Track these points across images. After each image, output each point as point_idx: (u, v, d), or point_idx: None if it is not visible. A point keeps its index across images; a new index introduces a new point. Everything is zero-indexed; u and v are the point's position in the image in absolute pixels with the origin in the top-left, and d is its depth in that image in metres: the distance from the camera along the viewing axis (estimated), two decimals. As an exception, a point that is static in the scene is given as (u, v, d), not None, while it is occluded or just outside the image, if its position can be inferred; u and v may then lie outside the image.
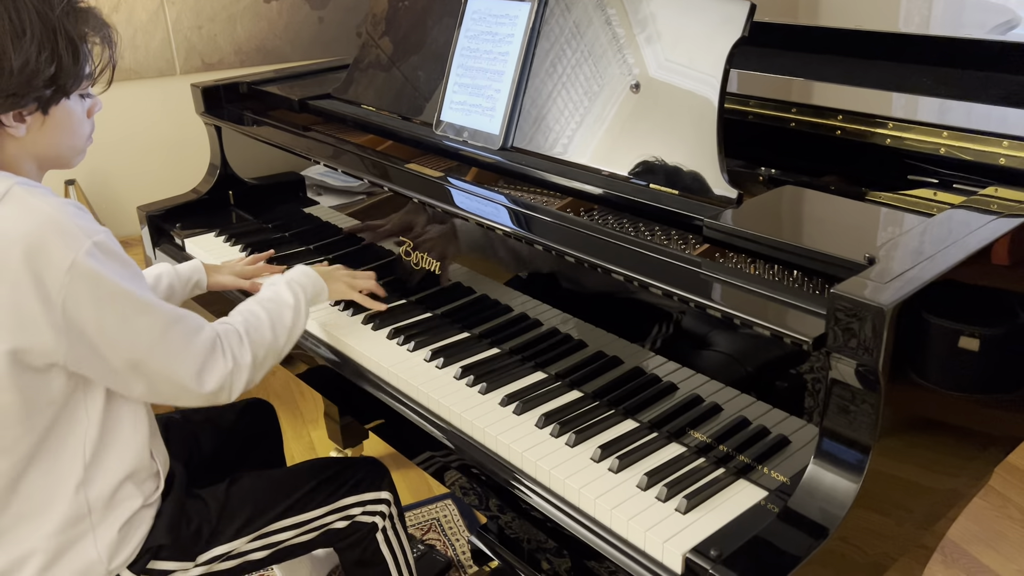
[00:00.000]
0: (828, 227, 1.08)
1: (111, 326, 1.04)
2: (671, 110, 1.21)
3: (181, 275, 1.48)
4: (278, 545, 1.28)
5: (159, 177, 2.62)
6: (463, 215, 1.32)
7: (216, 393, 1.15)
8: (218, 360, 1.15)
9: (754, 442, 1.04)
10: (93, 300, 1.01)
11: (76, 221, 1.01)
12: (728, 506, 0.98)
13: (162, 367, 1.09)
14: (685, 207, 1.15)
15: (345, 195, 1.64)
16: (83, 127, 1.13)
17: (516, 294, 1.32)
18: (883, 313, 0.81)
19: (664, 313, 1.11)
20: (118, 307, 1.04)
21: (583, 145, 1.31)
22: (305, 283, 1.33)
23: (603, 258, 1.12)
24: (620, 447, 1.09)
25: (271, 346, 1.23)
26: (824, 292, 0.97)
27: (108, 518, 1.13)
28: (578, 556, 1.03)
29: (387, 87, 1.70)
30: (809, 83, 1.35)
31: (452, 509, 2.16)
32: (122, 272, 1.05)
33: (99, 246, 1.02)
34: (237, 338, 1.19)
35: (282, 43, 2.70)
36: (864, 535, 0.93)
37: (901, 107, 1.23)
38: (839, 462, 0.89)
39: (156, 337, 1.07)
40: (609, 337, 1.20)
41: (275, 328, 1.25)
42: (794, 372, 0.97)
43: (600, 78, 1.30)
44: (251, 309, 1.25)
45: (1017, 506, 2.14)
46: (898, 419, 0.91)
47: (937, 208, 1.11)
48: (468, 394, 1.23)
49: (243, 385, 1.18)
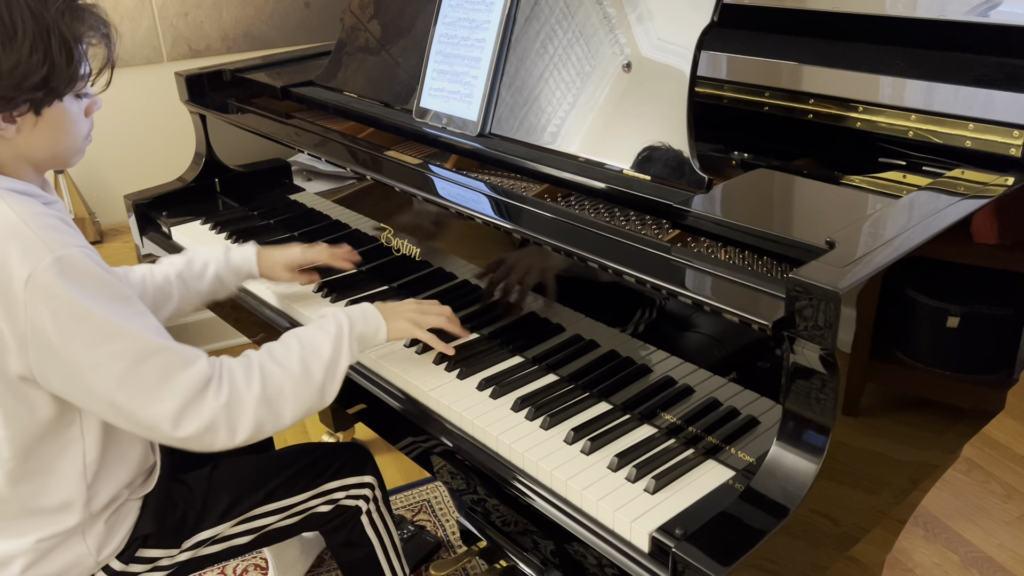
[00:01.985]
0: (795, 211, 1.10)
1: (77, 350, 0.96)
2: (643, 96, 1.22)
3: (231, 264, 1.43)
4: (262, 529, 1.30)
5: (148, 165, 2.63)
6: (441, 203, 1.33)
7: (198, 436, 1.02)
8: (206, 399, 1.02)
9: (723, 423, 1.06)
10: (54, 319, 0.95)
11: (41, 233, 0.95)
12: (695, 486, 1.00)
13: (129, 403, 0.99)
14: (656, 193, 1.16)
15: (335, 179, 1.65)
16: (79, 127, 1.07)
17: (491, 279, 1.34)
18: (838, 297, 0.83)
19: (638, 297, 1.13)
20: (82, 330, 0.96)
21: (559, 131, 1.32)
22: (356, 317, 1.19)
23: (575, 245, 1.13)
24: (592, 429, 1.11)
25: (301, 381, 1.09)
26: (784, 272, 0.99)
27: (97, 516, 1.13)
28: (556, 536, 1.05)
29: (368, 74, 1.70)
30: (784, 65, 1.35)
31: (442, 490, 2.19)
32: (91, 292, 0.96)
33: (62, 261, 0.94)
34: (244, 368, 1.07)
35: (269, 29, 2.70)
36: (835, 507, 0.96)
37: (874, 89, 1.24)
38: (800, 443, 0.91)
39: (126, 368, 0.97)
40: (586, 321, 1.21)
41: (306, 360, 1.11)
42: (761, 354, 0.99)
43: (575, 65, 1.31)
44: (283, 339, 1.15)
45: (999, 481, 2.17)
46: (864, 395, 0.93)
47: (906, 191, 1.13)
48: (446, 379, 1.25)
49: (249, 423, 1.05)
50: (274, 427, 1.08)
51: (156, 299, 1.36)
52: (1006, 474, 2.19)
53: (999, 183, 1.08)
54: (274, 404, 1.07)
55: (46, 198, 1.05)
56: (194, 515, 1.24)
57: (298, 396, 1.09)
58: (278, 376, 1.08)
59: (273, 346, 1.13)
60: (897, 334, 0.98)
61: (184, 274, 1.40)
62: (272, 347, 1.13)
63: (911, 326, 1.00)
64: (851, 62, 1.30)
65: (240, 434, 1.05)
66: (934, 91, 1.18)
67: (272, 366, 1.09)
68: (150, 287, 1.36)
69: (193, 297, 1.40)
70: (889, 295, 0.91)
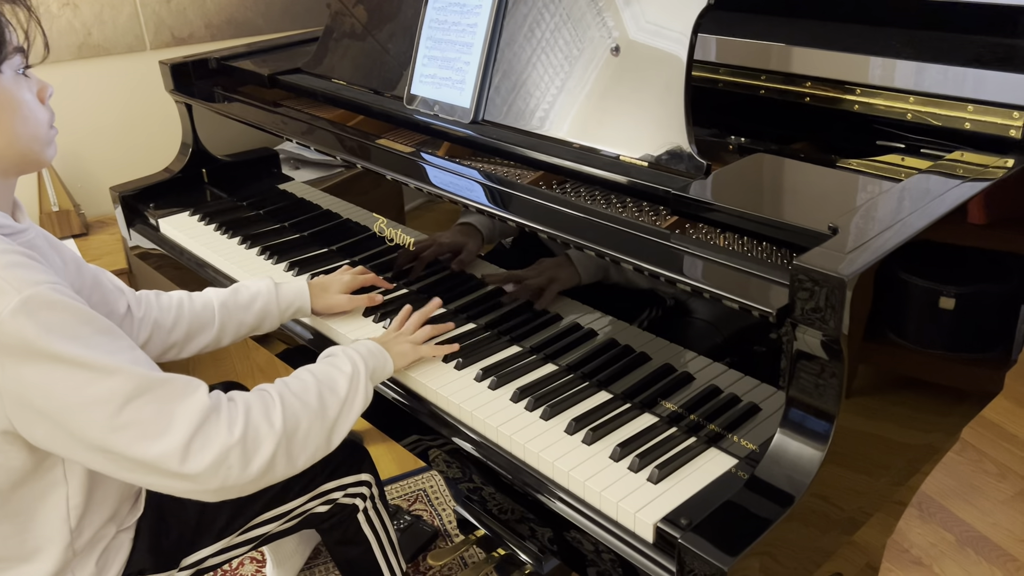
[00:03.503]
0: (795, 196, 1.09)
1: (60, 398, 0.87)
2: (639, 81, 1.20)
3: (282, 299, 1.34)
4: (261, 536, 1.28)
5: (133, 155, 2.59)
6: (434, 191, 1.32)
7: (211, 471, 0.91)
8: (216, 428, 0.92)
9: (725, 411, 1.05)
10: (29, 365, 0.85)
11: (3, 273, 0.86)
12: (699, 475, 1.00)
13: (128, 445, 0.89)
14: (654, 179, 1.15)
15: (323, 168, 1.63)
16: (35, 113, 0.99)
17: (487, 266, 1.32)
18: (843, 284, 0.82)
19: (637, 285, 1.12)
20: (63, 373, 0.86)
21: (554, 118, 1.30)
22: (365, 354, 1.14)
23: (572, 232, 1.12)
24: (593, 419, 1.10)
25: (316, 417, 1.02)
26: (790, 262, 0.98)
27: (85, 555, 1.07)
28: (556, 526, 1.04)
29: (357, 60, 1.68)
30: (780, 47, 1.34)
31: (438, 479, 2.19)
32: (69, 330, 0.87)
33: (32, 300, 0.85)
34: (261, 402, 0.98)
35: (253, 15, 2.65)
36: (840, 492, 0.95)
37: (872, 71, 1.22)
38: (804, 430, 0.90)
39: (117, 407, 0.88)
40: (583, 309, 1.20)
41: (323, 396, 1.04)
42: (763, 341, 0.98)
43: (569, 50, 1.29)
44: (296, 374, 1.08)
45: (993, 460, 2.18)
46: (868, 380, 0.92)
47: (905, 174, 1.12)
48: (444, 370, 1.24)
49: (264, 460, 0.95)
50: (286, 468, 0.99)
51: (192, 326, 1.28)
52: (999, 453, 2.20)
53: (999, 165, 1.07)
54: (291, 440, 0.99)
55: (13, 227, 0.98)
56: (190, 534, 1.19)
57: (311, 434, 1.02)
58: (298, 410, 1.01)
59: (288, 380, 1.06)
60: (897, 317, 0.97)
61: (228, 303, 1.31)
62: (288, 381, 1.05)
63: (911, 309, 0.99)
64: (847, 44, 1.28)
65: (253, 468, 0.95)
66: (932, 72, 1.17)
67: (292, 400, 1.01)
68: (187, 313, 1.29)
69: (235, 328, 1.32)
70: (888, 279, 0.90)
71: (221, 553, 1.25)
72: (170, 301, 1.29)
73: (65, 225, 2.44)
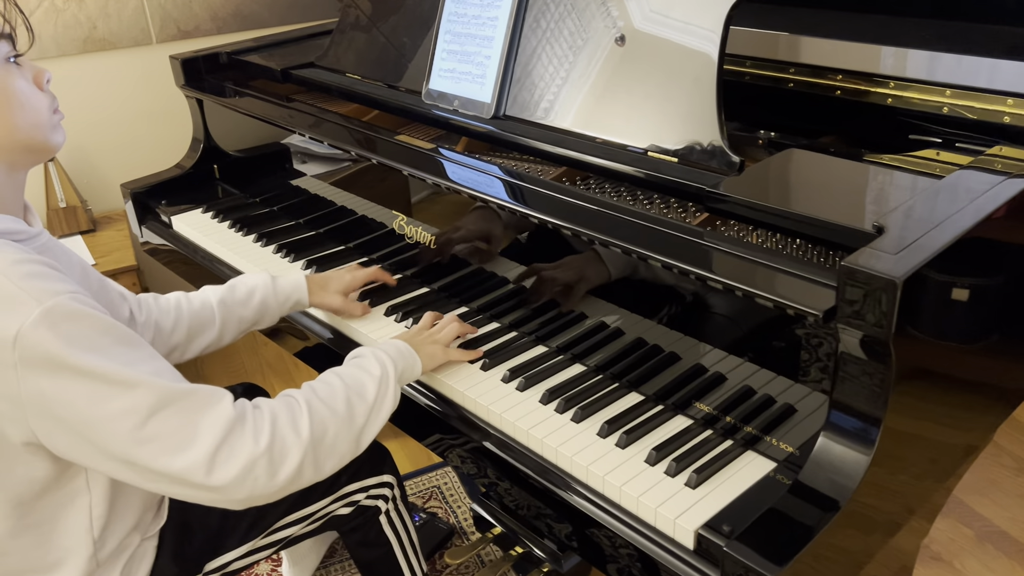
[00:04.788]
0: (832, 192, 1.06)
1: (83, 411, 0.85)
2: (669, 75, 1.18)
3: (279, 292, 1.32)
4: (284, 539, 1.27)
5: (141, 149, 2.56)
6: (455, 187, 1.29)
7: (238, 482, 0.90)
8: (242, 439, 0.91)
9: (760, 412, 1.03)
10: (51, 379, 0.84)
11: (24, 283, 0.84)
12: (737, 479, 0.98)
13: (154, 458, 0.87)
14: (685, 175, 1.12)
15: (331, 161, 1.61)
16: (33, 99, 0.96)
17: (510, 264, 1.30)
18: (895, 286, 0.79)
19: (665, 283, 1.10)
20: (86, 386, 0.85)
21: (579, 112, 1.28)
22: (394, 355, 1.11)
23: (604, 231, 1.09)
24: (626, 421, 1.08)
25: (344, 424, 1.00)
26: (830, 260, 0.96)
27: (109, 565, 1.06)
28: (585, 528, 1.03)
29: (372, 54, 1.65)
30: (808, 40, 1.31)
31: (452, 476, 2.17)
32: (91, 341, 0.86)
33: (53, 312, 0.84)
34: (288, 410, 0.96)
35: (260, 8, 2.62)
36: (884, 494, 0.93)
37: (906, 64, 1.20)
38: (849, 434, 0.88)
39: (141, 421, 0.86)
40: (609, 307, 1.18)
41: (351, 402, 1.02)
42: (799, 339, 0.96)
43: (594, 43, 1.27)
44: (324, 378, 1.05)
45: (1010, 454, 2.16)
46: (912, 378, 0.90)
47: (941, 168, 1.10)
48: (470, 371, 1.22)
49: (292, 468, 0.94)
50: (314, 474, 0.97)
51: (192, 326, 1.27)
52: (1017, 448, 2.18)
53: (1041, 160, 1.05)
54: (318, 448, 0.97)
55: (26, 232, 0.96)
56: (213, 539, 1.18)
57: (339, 441, 0.99)
58: (326, 418, 0.99)
59: (316, 386, 1.03)
60: (940, 314, 0.95)
61: (226, 299, 1.29)
62: (315, 387, 1.03)
63: (955, 305, 0.97)
64: (879, 35, 1.26)
65: (280, 478, 0.93)
66: (968, 64, 1.14)
67: (320, 407, 0.99)
68: (186, 313, 1.27)
69: (235, 324, 1.30)
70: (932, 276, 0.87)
71: (244, 557, 1.23)
72: (168, 303, 1.28)
73: (72, 221, 2.41)
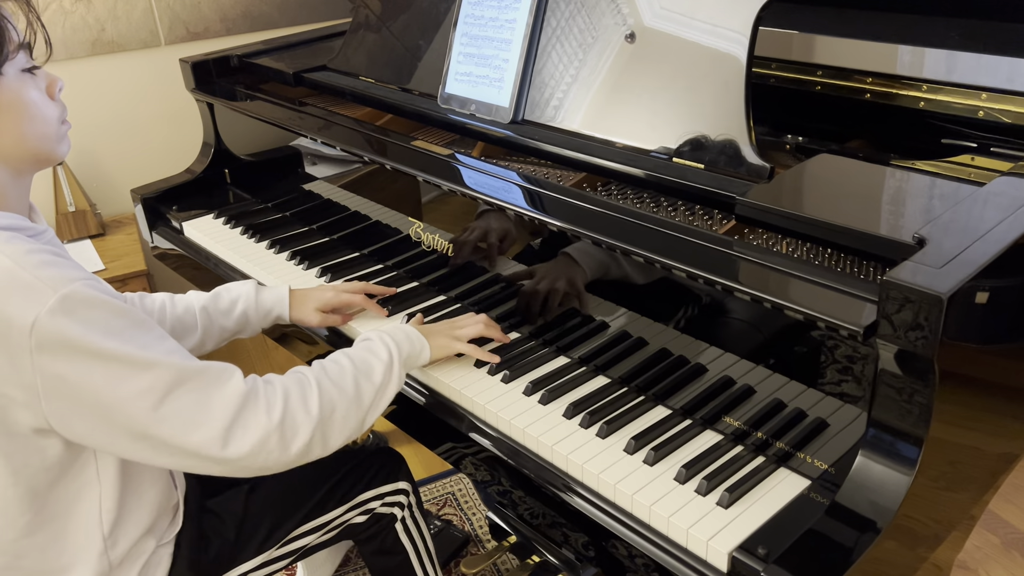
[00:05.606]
0: (867, 201, 1.03)
1: (102, 393, 0.88)
2: (695, 78, 1.14)
3: (261, 305, 1.32)
4: (300, 549, 1.25)
5: (150, 152, 2.54)
6: (474, 195, 1.26)
7: (252, 455, 0.94)
8: (255, 414, 0.95)
9: (791, 427, 1.00)
10: (70, 363, 0.86)
11: (39, 272, 0.86)
12: (771, 498, 0.95)
13: (172, 434, 0.91)
14: (713, 183, 1.09)
15: (342, 163, 1.58)
16: (44, 109, 0.96)
17: (527, 272, 1.27)
18: (940, 302, 0.76)
19: (690, 292, 1.06)
20: (104, 368, 0.87)
21: (600, 117, 1.24)
22: (401, 340, 1.14)
23: (629, 241, 1.06)
24: (653, 437, 1.05)
25: (352, 403, 1.04)
26: (864, 271, 0.93)
27: (124, 570, 1.05)
28: (607, 543, 1.00)
29: (385, 57, 1.62)
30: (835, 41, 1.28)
31: (467, 483, 2.14)
32: (106, 325, 0.88)
33: (69, 298, 0.86)
34: (299, 387, 1.00)
35: (269, 8, 2.59)
36: (927, 508, 0.90)
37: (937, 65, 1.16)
38: (889, 454, 0.85)
39: (158, 399, 0.90)
40: (631, 316, 1.15)
41: (359, 383, 1.05)
42: (830, 351, 0.93)
43: (615, 45, 1.24)
44: (334, 357, 1.09)
45: (1035, 459, 2.13)
46: (957, 388, 0.86)
47: (975, 173, 1.06)
48: (490, 383, 1.19)
49: (302, 443, 0.98)
50: (322, 450, 1.01)
51: (175, 330, 1.27)
52: (1042, 452, 2.15)
53: (1082, 165, 1.02)
54: (327, 425, 1.01)
55: (33, 229, 0.96)
56: (229, 549, 1.17)
57: (347, 419, 1.03)
58: (335, 397, 1.02)
59: (326, 364, 1.06)
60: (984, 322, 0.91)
61: (209, 308, 1.30)
62: (325, 365, 1.06)
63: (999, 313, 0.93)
64: (908, 36, 1.22)
65: (291, 452, 0.98)
66: (1005, 66, 1.11)
67: (329, 385, 1.03)
68: (169, 316, 1.27)
69: (216, 333, 1.31)
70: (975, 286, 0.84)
71: (261, 568, 1.21)
72: (153, 304, 1.28)
73: (82, 225, 2.39)
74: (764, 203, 1.01)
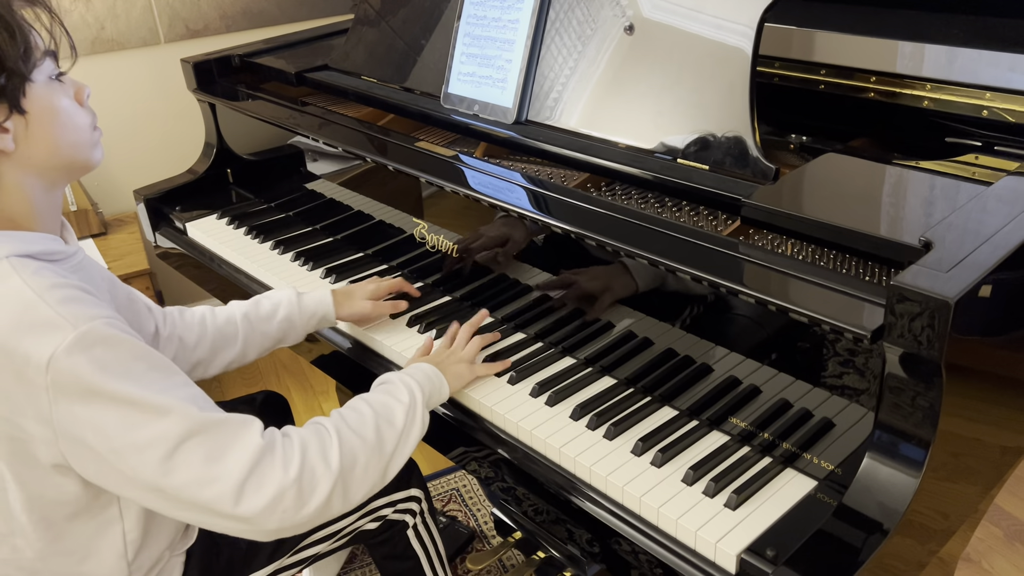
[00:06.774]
0: (875, 202, 1.03)
1: (113, 437, 0.85)
2: (699, 79, 1.14)
3: (304, 308, 1.31)
4: (311, 557, 1.25)
5: (149, 150, 2.54)
6: (477, 196, 1.26)
7: (266, 512, 0.89)
8: (271, 469, 0.90)
9: (797, 427, 1.01)
10: (84, 403, 0.84)
11: (61, 308, 0.84)
12: (778, 499, 0.95)
13: (183, 487, 0.87)
14: (717, 184, 1.09)
15: (342, 160, 1.57)
16: (76, 117, 0.95)
17: (536, 273, 1.27)
18: (948, 306, 0.76)
19: (696, 293, 1.07)
20: (117, 411, 0.84)
21: (604, 117, 1.24)
22: (422, 380, 1.10)
23: (634, 243, 1.07)
24: (660, 438, 1.06)
25: (374, 452, 0.99)
26: (870, 273, 0.93)
27: None
28: (614, 544, 1.00)
29: (387, 57, 1.62)
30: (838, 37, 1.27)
31: (471, 479, 2.15)
32: (124, 366, 0.86)
33: (88, 336, 0.83)
34: (318, 438, 0.95)
35: (269, 5, 2.58)
36: (937, 504, 0.91)
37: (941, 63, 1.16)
38: (896, 456, 0.86)
39: (170, 449, 0.86)
40: (636, 316, 1.15)
41: (380, 429, 1.01)
42: (835, 351, 0.93)
43: (620, 45, 1.23)
44: (352, 404, 1.04)
45: (1037, 451, 2.13)
46: (966, 381, 0.86)
47: (980, 173, 1.06)
48: (496, 385, 1.19)
49: (321, 499, 0.92)
50: (342, 505, 0.96)
51: (216, 342, 1.25)
52: (1044, 444, 2.16)
53: (1087, 165, 1.02)
54: (348, 478, 0.96)
55: (64, 252, 0.95)
56: (241, 558, 1.16)
57: (368, 470, 0.98)
58: (356, 446, 0.97)
59: (344, 413, 1.02)
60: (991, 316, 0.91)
61: (251, 314, 1.28)
62: (344, 414, 1.02)
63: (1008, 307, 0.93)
64: (907, 32, 1.22)
65: (310, 508, 0.92)
66: (1007, 63, 1.11)
67: (350, 435, 0.98)
68: (210, 328, 1.26)
69: (259, 340, 1.28)
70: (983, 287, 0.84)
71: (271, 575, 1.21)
72: (193, 317, 1.27)
73: (84, 225, 2.39)
74: (769, 205, 1.01)
